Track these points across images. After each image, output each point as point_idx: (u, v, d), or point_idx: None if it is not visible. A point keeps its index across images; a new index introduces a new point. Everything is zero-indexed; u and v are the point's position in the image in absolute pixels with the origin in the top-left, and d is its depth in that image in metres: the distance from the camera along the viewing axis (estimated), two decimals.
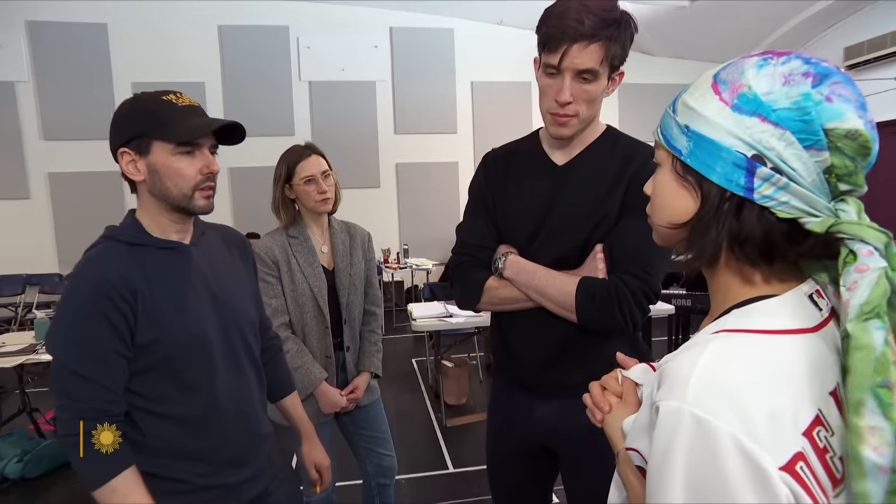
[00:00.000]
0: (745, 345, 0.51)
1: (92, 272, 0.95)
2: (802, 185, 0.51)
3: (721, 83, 0.54)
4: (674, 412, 0.49)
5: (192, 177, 0.98)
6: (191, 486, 1.01)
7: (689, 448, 0.47)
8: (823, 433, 0.49)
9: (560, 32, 1.01)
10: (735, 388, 0.48)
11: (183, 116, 0.96)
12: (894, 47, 5.68)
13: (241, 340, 1.10)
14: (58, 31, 6.06)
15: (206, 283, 1.05)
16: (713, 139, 0.53)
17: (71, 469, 2.91)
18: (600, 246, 1.10)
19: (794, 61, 0.52)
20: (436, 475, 2.81)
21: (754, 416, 0.46)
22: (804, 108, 0.50)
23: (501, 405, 1.30)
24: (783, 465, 0.46)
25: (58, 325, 0.96)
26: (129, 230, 1.02)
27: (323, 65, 6.65)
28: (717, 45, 6.89)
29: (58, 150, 6.19)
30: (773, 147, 0.50)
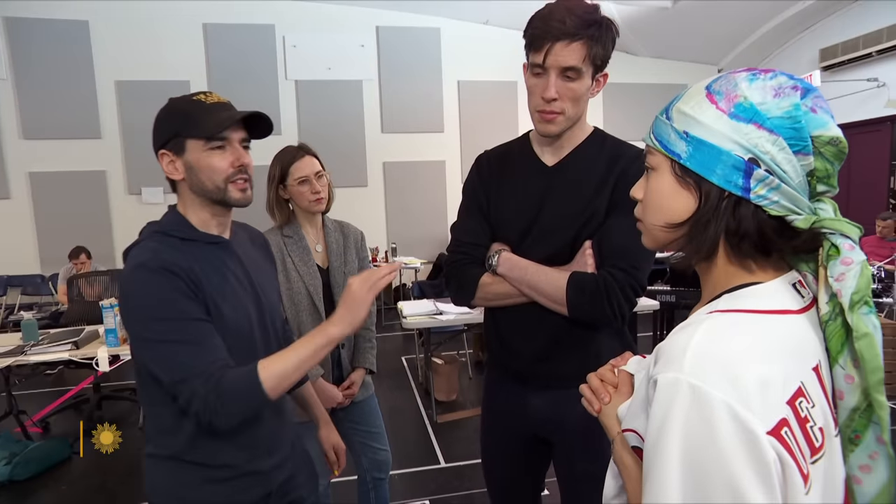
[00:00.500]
0: (737, 322, 0.56)
1: (157, 258, 0.96)
2: (791, 186, 0.56)
3: (716, 94, 0.59)
4: (672, 383, 0.52)
5: (224, 170, 1.02)
6: (232, 472, 1.05)
7: (686, 415, 0.51)
8: (805, 404, 0.54)
9: (544, 32, 1.07)
10: (728, 359, 0.52)
11: (211, 112, 1.00)
12: (867, 49, 5.85)
13: (273, 332, 1.16)
14: (38, 28, 5.96)
15: (246, 276, 1.10)
16: (713, 143, 0.57)
17: (60, 471, 2.90)
18: (589, 242, 1.15)
19: (781, 77, 0.57)
20: (427, 470, 2.84)
21: (746, 384, 0.50)
22: (795, 117, 0.56)
23: (496, 398, 1.34)
24: (770, 429, 0.50)
25: (137, 310, 0.95)
26: (177, 226, 1.05)
27: (309, 64, 6.63)
28: (698, 46, 7.04)
29: (39, 149, 6.09)
30: (767, 151, 0.56)
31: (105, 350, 2.79)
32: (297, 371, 0.96)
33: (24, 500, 2.68)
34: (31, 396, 4.06)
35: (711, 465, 0.49)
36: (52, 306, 5.42)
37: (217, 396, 0.91)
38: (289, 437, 1.19)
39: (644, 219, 0.67)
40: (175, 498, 1.05)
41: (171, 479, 1.05)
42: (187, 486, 1.04)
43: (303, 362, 0.96)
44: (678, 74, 7.38)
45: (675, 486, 0.51)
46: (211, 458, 1.03)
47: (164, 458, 1.04)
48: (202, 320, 0.96)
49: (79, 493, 2.70)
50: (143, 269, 0.95)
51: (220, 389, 0.91)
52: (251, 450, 1.07)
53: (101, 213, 6.29)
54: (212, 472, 1.03)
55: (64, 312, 4.05)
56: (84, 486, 2.77)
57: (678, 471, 0.51)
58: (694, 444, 0.50)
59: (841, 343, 0.58)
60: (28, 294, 6.05)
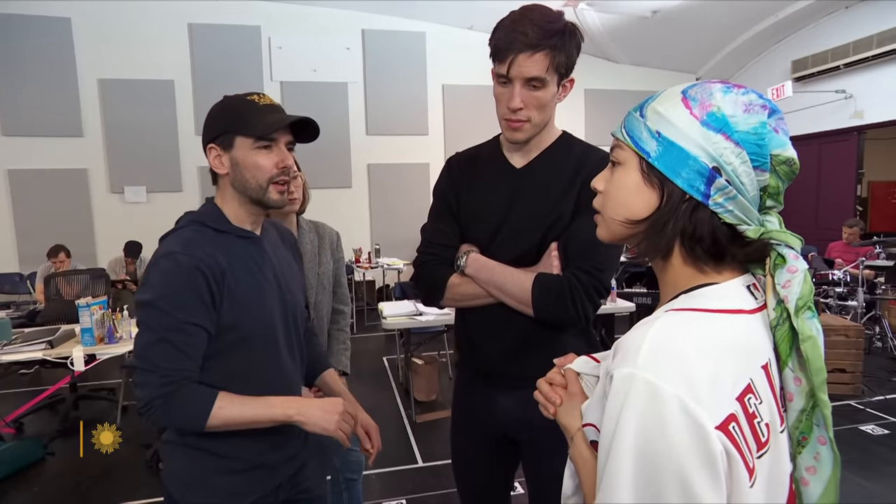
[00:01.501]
0: (691, 320, 0.58)
1: (189, 250, 0.99)
2: (746, 198, 0.59)
3: (691, 99, 0.60)
4: (626, 378, 0.54)
5: (268, 169, 1.04)
6: (247, 463, 1.08)
7: (640, 409, 0.52)
8: (753, 400, 0.56)
9: (507, 44, 1.09)
10: (681, 355, 0.54)
11: (262, 113, 1.03)
12: (835, 62, 6.05)
13: (295, 329, 1.18)
14: (19, 25, 5.88)
15: (274, 273, 1.12)
16: (683, 147, 0.59)
17: (33, 472, 2.87)
18: (555, 244, 1.17)
19: (752, 94, 0.60)
20: (405, 469, 2.86)
21: (697, 379, 0.52)
22: (760, 133, 0.59)
23: (466, 398, 1.36)
24: (718, 424, 0.51)
25: (151, 292, 0.98)
26: (213, 217, 1.08)
27: (295, 65, 6.63)
28: (677, 55, 7.18)
29: (19, 146, 6.01)
30: (731, 162, 0.58)
31: (81, 349, 2.77)
32: (244, 425, 1.01)
33: (1, 499, 2.65)
34: (5, 397, 4.00)
35: (662, 457, 0.51)
36: (29, 305, 5.33)
37: (164, 401, 0.95)
38: (302, 431, 1.19)
39: (604, 211, 0.68)
40: (188, 484, 1.07)
41: (187, 466, 1.07)
42: (201, 473, 1.07)
43: (254, 422, 1.02)
44: (658, 82, 7.51)
45: (627, 476, 0.52)
46: (225, 448, 1.06)
47: (180, 444, 1.07)
48: (198, 326, 0.98)
49: (52, 495, 2.67)
50: (170, 258, 0.98)
51: (171, 398, 0.96)
52: (265, 443, 1.10)
53: (82, 211, 6.21)
54: (226, 462, 1.07)
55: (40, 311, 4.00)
56: (57, 486, 2.74)
57: (631, 462, 0.52)
58: (646, 437, 0.52)
59: (789, 346, 0.60)
60: (5, 293, 5.94)
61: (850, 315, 4.63)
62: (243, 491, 1.09)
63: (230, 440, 1.05)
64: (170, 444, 1.09)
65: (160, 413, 0.96)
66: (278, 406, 1.03)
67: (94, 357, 2.85)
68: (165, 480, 1.10)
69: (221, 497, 1.07)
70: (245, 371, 1.05)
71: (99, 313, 2.86)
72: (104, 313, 2.90)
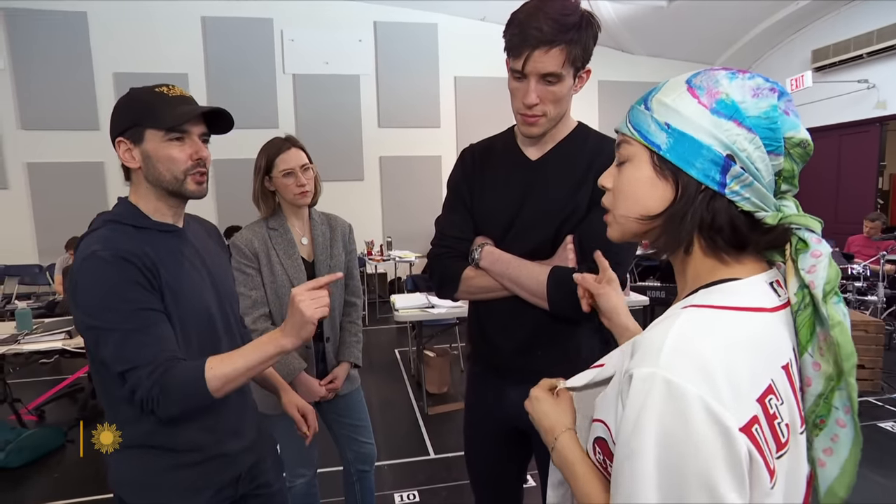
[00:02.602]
0: (712, 318, 0.57)
1: (109, 246, 0.95)
2: (762, 184, 0.58)
3: (696, 88, 0.59)
4: (647, 377, 0.53)
5: (182, 162, 1.03)
6: (200, 456, 1.06)
7: (661, 409, 0.51)
8: (774, 401, 0.54)
9: (521, 40, 1.06)
10: (703, 355, 0.52)
11: (172, 105, 1.01)
12: (857, 51, 5.89)
13: (233, 316, 1.17)
14: (36, 19, 5.95)
15: (203, 263, 1.11)
16: (694, 137, 0.58)
17: (53, 459, 2.93)
18: (570, 237, 1.16)
19: (758, 78, 0.59)
20: (417, 461, 2.88)
21: (719, 380, 0.51)
22: (772, 117, 0.57)
23: (477, 390, 1.36)
24: (742, 426, 0.50)
25: (87, 297, 0.94)
26: (128, 214, 1.05)
27: (307, 58, 6.63)
28: (693, 45, 7.05)
29: (37, 139, 6.10)
30: (745, 149, 0.57)
31: None
32: (243, 376, 0.97)
33: (17, 487, 2.71)
34: (27, 385, 4.09)
35: (687, 458, 0.50)
36: (49, 296, 5.43)
37: (161, 388, 0.92)
38: (254, 420, 1.20)
39: (615, 209, 0.66)
40: (142, 486, 1.04)
41: (138, 468, 1.04)
42: (155, 473, 1.04)
43: (251, 368, 0.97)
44: (673, 73, 7.16)
45: (650, 477, 0.51)
46: (177, 442, 1.03)
47: (128, 447, 1.03)
48: (153, 310, 0.95)
49: (71, 481, 2.72)
50: (94, 257, 0.94)
51: (165, 382, 0.92)
52: (217, 432, 1.08)
53: (98, 204, 6.27)
54: (179, 456, 1.04)
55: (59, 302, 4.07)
56: (77, 474, 2.80)
57: (654, 465, 0.51)
58: (669, 438, 0.51)
59: (810, 332, 0.59)
60: (26, 284, 6.06)
61: (869, 310, 4.54)
62: (201, 485, 1.06)
63: (181, 434, 1.02)
64: (115, 451, 1.03)
65: (162, 404, 0.93)
66: (268, 342, 0.97)
67: None
68: (114, 487, 1.06)
69: (178, 493, 1.04)
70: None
71: None
72: None
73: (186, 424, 1.02)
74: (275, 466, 1.27)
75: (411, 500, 2.53)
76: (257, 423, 1.22)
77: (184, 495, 1.05)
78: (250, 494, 1.19)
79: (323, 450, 1.98)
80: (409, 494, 2.56)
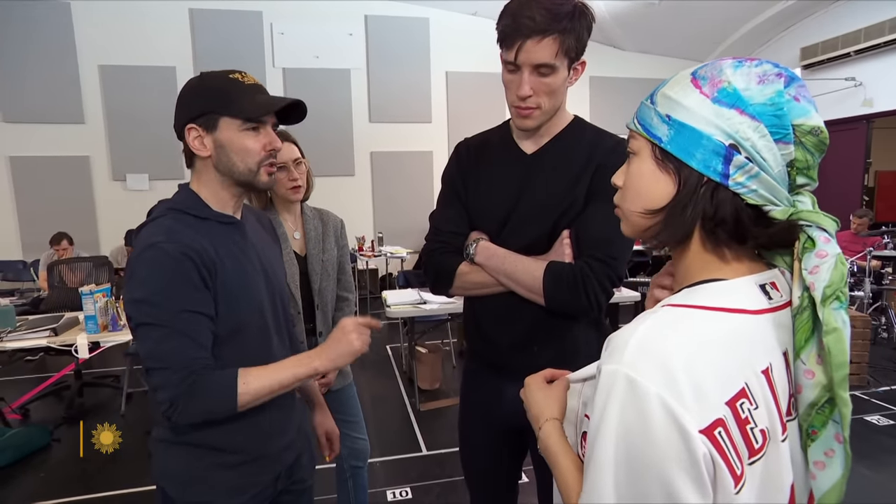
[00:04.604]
0: (683, 317, 0.56)
1: (173, 237, 0.94)
2: (770, 175, 0.55)
3: (700, 79, 0.58)
4: (611, 373, 0.53)
5: (258, 152, 1.00)
6: (244, 457, 1.05)
7: (622, 406, 0.52)
8: (747, 405, 0.53)
9: (513, 30, 1.05)
10: (666, 354, 0.52)
11: (249, 94, 0.99)
12: (846, 49, 5.95)
13: (283, 314, 1.15)
14: (16, 9, 5.82)
15: (258, 257, 1.09)
16: (694, 127, 0.56)
17: (39, 458, 2.89)
18: (567, 232, 1.14)
19: (766, 65, 0.57)
20: (409, 457, 2.87)
21: (681, 380, 0.50)
22: (778, 104, 0.55)
23: (473, 387, 1.35)
24: (703, 428, 0.50)
25: (141, 288, 0.92)
26: (192, 203, 1.02)
27: (297, 52, 6.57)
28: (683, 42, 7.09)
29: (21, 133, 5.98)
30: (748, 137, 0.55)
31: (85, 337, 2.77)
32: (273, 393, 0.97)
33: (3, 486, 2.66)
34: (12, 383, 4.02)
35: (644, 456, 0.50)
36: (33, 292, 5.34)
37: (189, 395, 0.91)
38: (296, 420, 1.19)
39: (622, 205, 0.65)
40: (185, 482, 1.04)
41: (183, 464, 1.03)
42: (198, 470, 1.03)
43: (282, 387, 0.97)
44: (664, 69, 7.41)
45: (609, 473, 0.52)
46: (223, 442, 1.03)
47: (174, 442, 1.03)
48: (201, 314, 0.94)
49: (58, 480, 2.68)
50: (155, 248, 0.92)
51: (195, 389, 0.91)
52: (261, 434, 1.07)
53: (84, 198, 6.20)
54: (224, 456, 1.03)
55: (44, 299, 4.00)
56: (63, 472, 2.76)
57: (612, 459, 0.52)
58: (628, 434, 0.51)
59: (805, 337, 0.56)
60: (9, 280, 5.96)
61: (855, 305, 4.61)
62: (243, 484, 1.06)
63: (228, 433, 1.02)
64: (163, 443, 1.04)
65: (188, 410, 0.92)
66: (302, 363, 0.98)
67: (98, 345, 2.85)
68: (159, 479, 1.06)
69: (222, 492, 1.04)
70: (241, 360, 1.00)
71: (102, 301, 2.86)
72: (108, 301, 2.89)
73: (232, 425, 1.00)
74: (310, 462, 1.26)
75: (404, 496, 2.52)
76: (297, 420, 1.20)
77: (226, 495, 1.04)
78: (286, 490, 1.18)
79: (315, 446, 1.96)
80: (402, 491, 2.55)
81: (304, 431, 1.24)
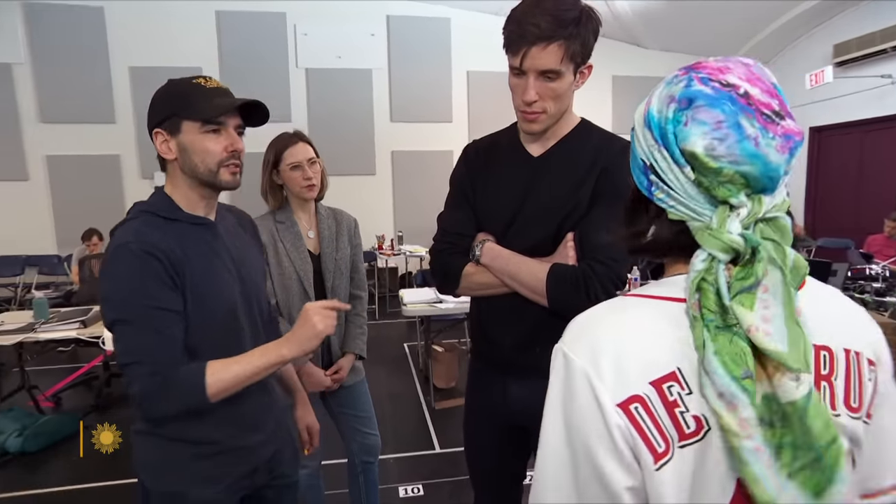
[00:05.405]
0: (629, 304, 0.61)
1: (139, 237, 0.98)
2: (679, 194, 0.57)
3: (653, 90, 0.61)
4: (556, 351, 0.61)
5: (218, 153, 1.04)
6: (217, 448, 1.08)
7: (558, 379, 0.59)
8: (677, 389, 0.54)
9: (518, 36, 1.06)
10: (596, 332, 0.59)
11: (209, 97, 1.02)
12: (883, 45, 5.70)
13: (258, 312, 1.18)
14: (54, 14, 6.05)
15: (231, 258, 1.12)
16: (633, 144, 0.62)
17: (69, 444, 3.00)
18: (571, 234, 1.15)
19: (679, 84, 0.57)
20: (422, 455, 2.90)
21: (604, 358, 0.56)
22: (666, 130, 0.57)
23: (478, 386, 1.37)
24: (619, 402, 0.54)
25: (112, 287, 0.96)
26: (162, 205, 1.06)
27: (320, 52, 6.65)
28: (709, 40, 6.92)
29: (56, 132, 6.21)
30: (656, 159, 0.58)
31: None
32: (243, 382, 0.99)
33: (34, 471, 2.79)
34: (45, 372, 4.18)
35: (573, 425, 0.56)
36: (67, 286, 5.55)
37: (158, 389, 0.94)
38: (275, 415, 1.21)
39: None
40: (163, 473, 1.07)
41: (159, 455, 1.07)
42: (174, 461, 1.06)
43: (251, 376, 1.00)
44: None
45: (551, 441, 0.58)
46: (196, 434, 1.06)
47: (149, 434, 1.06)
48: (169, 310, 0.97)
49: (88, 466, 2.77)
50: (123, 249, 0.97)
51: (165, 384, 0.94)
52: (235, 426, 1.10)
53: (115, 196, 6.41)
54: (197, 448, 1.06)
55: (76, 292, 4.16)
56: (94, 458, 2.85)
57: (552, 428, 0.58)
58: (563, 404, 0.58)
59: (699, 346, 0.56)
60: (45, 274, 6.20)
61: (888, 312, 4.45)
62: (217, 475, 1.09)
63: (201, 426, 1.05)
64: (140, 435, 1.07)
65: (158, 403, 0.95)
66: (270, 351, 1.01)
67: None
68: (136, 468, 1.09)
69: (194, 482, 1.07)
70: (213, 357, 1.02)
71: None
72: None
73: (203, 418, 1.03)
74: (293, 458, 1.29)
75: (416, 493, 2.55)
76: (277, 415, 1.23)
77: (200, 484, 1.07)
78: (267, 485, 1.21)
79: (328, 441, 2.00)
80: (414, 488, 2.58)
81: (285, 427, 1.26)
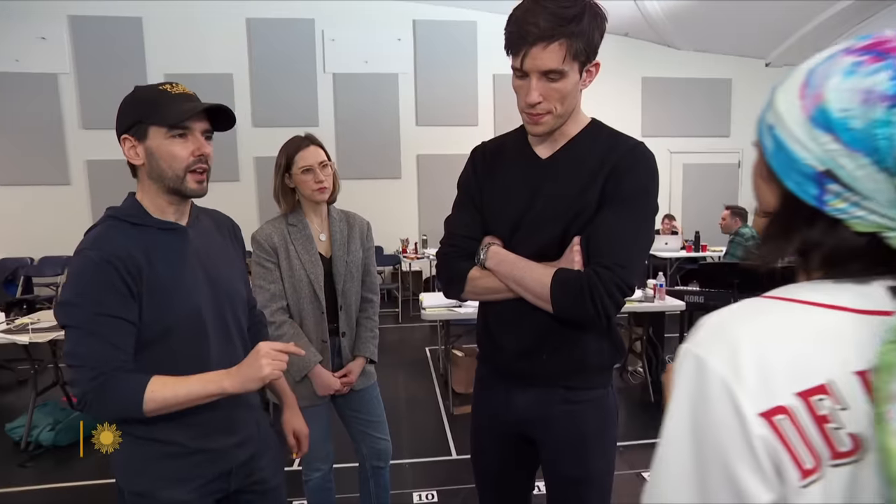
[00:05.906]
0: (770, 307, 0.54)
1: (98, 245, 1.00)
2: (878, 202, 0.49)
3: (808, 87, 0.52)
4: (684, 352, 0.54)
5: (184, 158, 1.04)
6: (182, 449, 1.09)
7: (687, 383, 0.53)
8: (828, 402, 0.49)
9: (518, 37, 1.03)
10: (736, 335, 0.51)
11: (175, 102, 1.03)
12: None
13: (231, 316, 1.17)
14: (97, 25, 6.34)
15: (201, 262, 1.12)
16: (790, 149, 0.53)
17: None
18: (577, 238, 1.12)
19: (882, 74, 0.48)
20: (439, 461, 2.88)
21: (745, 362, 0.50)
22: (874, 135, 0.48)
23: (483, 393, 1.34)
24: (762, 411, 0.48)
25: (66, 292, 0.99)
26: (131, 211, 1.08)
27: (347, 57, 6.75)
28: (742, 39, 6.71)
29: (96, 138, 6.46)
30: (844, 166, 0.49)
31: None
32: (181, 404, 1.00)
33: (65, 463, 2.89)
34: None
35: (706, 432, 0.51)
36: None
37: (96, 394, 0.96)
38: (252, 419, 1.21)
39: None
40: (133, 472, 1.08)
41: (128, 455, 1.08)
42: (141, 460, 1.08)
43: (191, 400, 1.01)
44: (721, 69, 7.09)
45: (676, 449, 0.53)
46: (164, 435, 1.06)
47: (122, 434, 1.06)
48: (120, 318, 0.98)
49: None
50: (80, 256, 0.99)
51: (102, 389, 0.96)
52: (199, 429, 1.10)
53: None
54: (164, 448, 1.07)
55: None
56: None
57: (679, 435, 0.53)
58: (693, 410, 0.52)
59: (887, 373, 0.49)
60: None
61: None
62: (186, 476, 1.09)
63: (168, 428, 1.05)
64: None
65: (95, 407, 0.97)
66: (212, 381, 1.02)
67: None
68: (111, 468, 1.11)
69: (164, 483, 1.08)
70: (171, 362, 1.04)
71: None
72: None
73: (171, 419, 1.04)
74: (274, 462, 1.28)
75: (430, 499, 2.52)
76: (256, 419, 1.23)
77: (169, 484, 1.08)
78: (245, 490, 1.20)
79: (340, 445, 2.00)
80: (429, 494, 2.56)
81: (264, 432, 1.26)
